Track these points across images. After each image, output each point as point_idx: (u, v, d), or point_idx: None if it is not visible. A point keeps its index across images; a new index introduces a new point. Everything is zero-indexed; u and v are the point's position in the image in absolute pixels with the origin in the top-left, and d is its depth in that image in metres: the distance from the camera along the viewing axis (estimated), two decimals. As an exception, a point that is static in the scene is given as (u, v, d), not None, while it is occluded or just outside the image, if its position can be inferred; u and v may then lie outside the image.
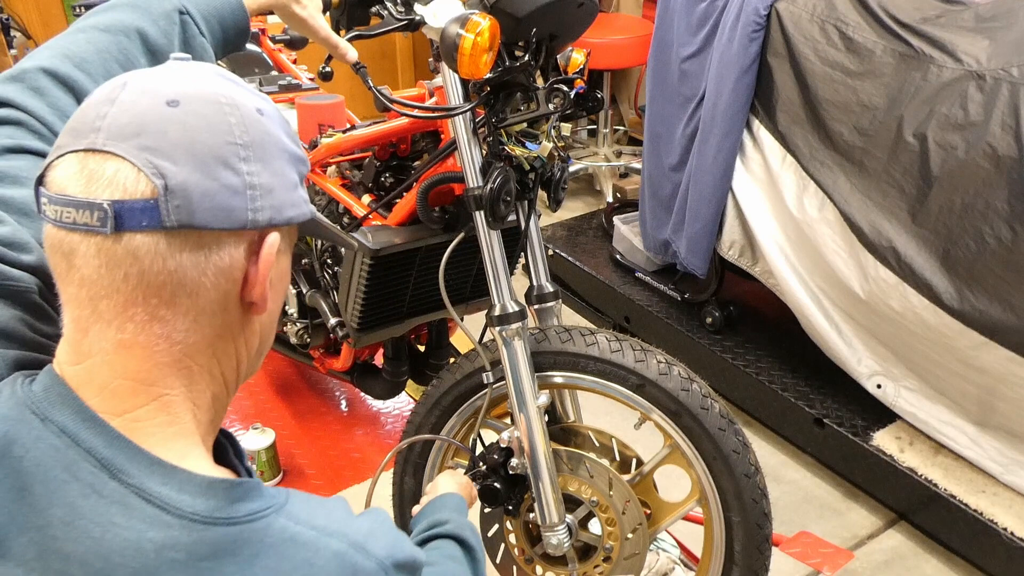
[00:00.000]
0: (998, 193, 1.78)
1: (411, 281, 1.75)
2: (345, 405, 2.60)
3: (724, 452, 1.42)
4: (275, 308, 0.78)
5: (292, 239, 0.80)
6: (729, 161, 2.36)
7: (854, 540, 2.18)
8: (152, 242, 0.66)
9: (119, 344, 0.68)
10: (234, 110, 0.70)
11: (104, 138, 0.66)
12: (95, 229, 0.65)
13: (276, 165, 0.72)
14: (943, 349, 1.99)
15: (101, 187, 0.65)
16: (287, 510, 0.71)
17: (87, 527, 0.64)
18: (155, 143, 0.66)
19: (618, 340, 1.48)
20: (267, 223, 0.71)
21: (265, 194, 0.70)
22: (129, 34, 1.00)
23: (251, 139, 0.70)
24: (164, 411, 0.70)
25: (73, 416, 0.67)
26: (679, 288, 2.83)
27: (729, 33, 2.26)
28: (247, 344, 0.76)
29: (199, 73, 0.72)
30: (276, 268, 0.75)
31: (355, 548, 0.73)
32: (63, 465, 0.65)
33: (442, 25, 1.24)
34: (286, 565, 0.68)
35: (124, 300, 0.67)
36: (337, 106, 2.06)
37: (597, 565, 1.56)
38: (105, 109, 0.68)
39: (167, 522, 0.65)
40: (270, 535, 0.69)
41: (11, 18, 3.33)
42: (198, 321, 0.70)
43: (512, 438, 1.48)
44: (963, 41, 1.89)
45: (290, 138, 0.76)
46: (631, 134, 4.36)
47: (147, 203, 0.65)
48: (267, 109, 0.74)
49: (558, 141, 1.44)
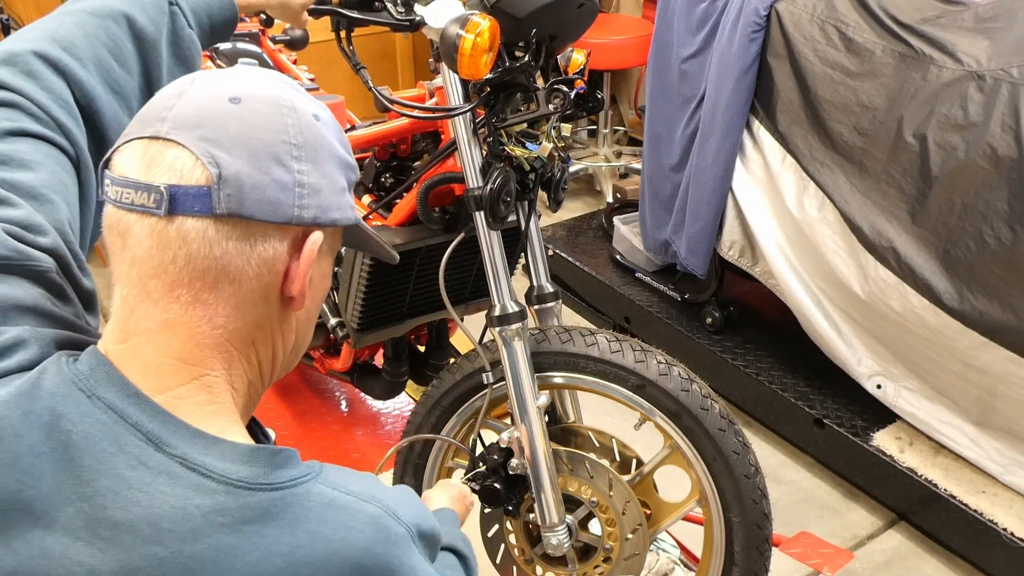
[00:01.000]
0: (998, 193, 1.78)
1: (411, 281, 1.75)
2: (345, 405, 2.60)
3: (724, 452, 1.42)
4: (313, 307, 0.81)
5: (336, 243, 0.82)
6: (729, 161, 2.36)
7: (854, 540, 2.18)
8: (202, 227, 0.69)
9: (164, 324, 0.71)
10: (292, 112, 0.74)
11: (168, 127, 0.70)
12: (150, 210, 0.69)
13: (326, 168, 0.75)
14: (943, 349, 1.99)
15: (160, 171, 0.69)
16: (324, 477, 0.74)
17: (135, 496, 0.66)
18: (215, 135, 0.70)
19: (618, 340, 1.48)
20: (312, 221, 0.74)
21: (312, 193, 0.73)
22: (117, 19, 1.01)
23: (305, 140, 0.73)
24: (205, 390, 0.72)
25: (119, 393, 0.69)
26: (679, 288, 2.83)
27: (729, 33, 2.26)
28: (284, 339, 0.79)
29: (264, 77, 0.77)
30: (317, 267, 0.78)
31: (387, 512, 0.75)
32: (110, 439, 0.67)
33: (442, 26, 1.24)
34: (326, 528, 0.70)
35: (171, 281, 0.70)
36: (337, 106, 2.05)
37: (597, 565, 1.56)
38: (173, 102, 0.72)
39: (212, 488, 0.67)
40: (311, 499, 0.71)
41: (11, 18, 3.33)
42: (239, 308, 0.72)
43: (512, 438, 1.48)
44: (963, 41, 1.89)
45: (343, 146, 0.79)
46: (631, 134, 4.35)
47: (201, 189, 0.69)
48: (324, 116, 0.77)
49: (558, 141, 1.44)
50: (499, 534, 1.65)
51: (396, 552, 0.74)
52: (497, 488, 1.51)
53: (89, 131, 0.95)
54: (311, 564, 0.69)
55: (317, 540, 0.69)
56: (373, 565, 0.72)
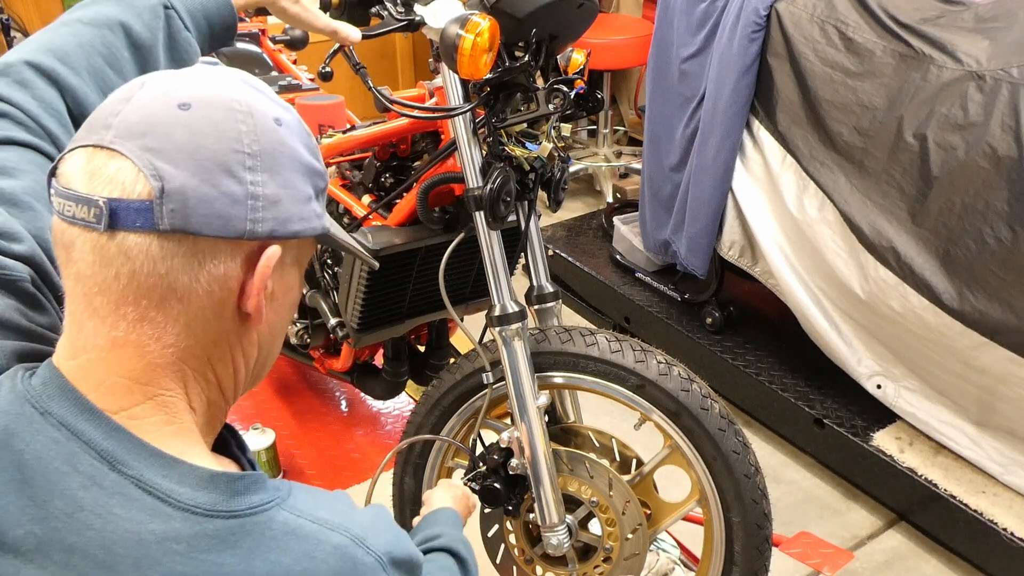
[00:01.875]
0: (998, 193, 1.78)
1: (411, 281, 1.75)
2: (345, 405, 2.60)
3: (724, 452, 1.42)
4: (279, 321, 0.78)
5: (304, 253, 0.79)
6: (729, 161, 2.36)
7: (854, 540, 2.18)
8: (145, 243, 0.66)
9: (113, 341, 0.68)
10: (247, 118, 0.69)
11: (113, 135, 0.66)
12: (91, 225, 0.65)
13: (286, 177, 0.71)
14: (943, 349, 1.99)
15: (102, 184, 0.65)
16: (289, 503, 0.71)
17: (88, 518, 0.64)
18: (159, 144, 0.66)
19: (618, 340, 1.48)
20: (268, 234, 0.70)
21: (269, 205, 0.69)
22: (112, 27, 1.00)
23: (261, 148, 0.69)
24: (161, 410, 0.70)
25: (71, 408, 0.67)
26: (679, 288, 2.83)
27: (729, 33, 2.26)
28: (245, 354, 0.75)
29: (221, 78, 0.72)
30: (280, 281, 0.74)
31: (356, 542, 0.72)
32: (63, 457, 0.65)
33: (442, 26, 1.24)
34: (287, 558, 0.68)
35: (116, 298, 0.67)
36: (337, 106, 2.06)
37: (597, 565, 1.56)
38: (120, 107, 0.68)
39: (168, 514, 0.65)
40: (272, 528, 0.69)
41: (11, 18, 3.33)
42: (190, 326, 0.69)
43: (512, 438, 1.48)
44: (963, 41, 1.89)
45: (309, 151, 0.75)
46: (631, 134, 4.36)
47: (142, 204, 0.65)
48: (287, 120, 0.73)
49: (558, 141, 1.44)
50: (499, 534, 1.65)
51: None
52: (497, 488, 1.51)
53: None
54: None
55: (277, 569, 0.67)
56: None
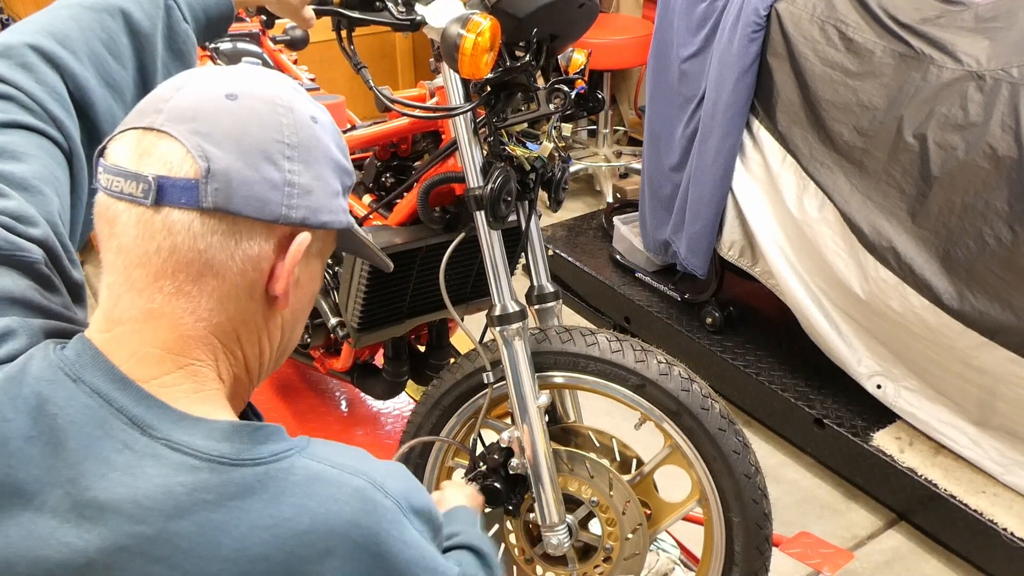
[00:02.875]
0: (998, 193, 1.78)
1: (411, 281, 1.75)
2: (345, 405, 2.60)
3: (724, 452, 1.42)
4: (300, 309, 0.81)
5: (328, 247, 0.83)
6: (729, 161, 2.36)
7: (854, 540, 2.18)
8: (188, 219, 0.70)
9: (148, 313, 0.71)
10: (288, 112, 0.74)
11: (164, 119, 0.71)
12: (138, 200, 0.69)
13: (319, 170, 0.76)
14: (943, 349, 1.99)
15: (151, 162, 0.70)
16: (309, 451, 0.74)
17: (120, 478, 0.67)
18: (207, 129, 0.70)
19: (618, 340, 1.48)
20: (300, 221, 0.74)
21: (303, 194, 0.74)
22: (113, 13, 1.01)
23: (299, 141, 0.74)
24: (191, 379, 0.73)
25: (104, 377, 0.70)
26: (679, 288, 2.83)
27: (729, 33, 2.26)
28: (270, 336, 0.79)
29: (265, 76, 0.77)
30: (306, 269, 0.78)
31: (375, 486, 0.74)
32: (96, 423, 0.68)
33: (443, 25, 1.24)
34: (311, 501, 0.70)
35: (155, 271, 0.71)
36: (338, 106, 2.05)
37: (597, 565, 1.56)
38: (171, 94, 0.73)
39: (195, 466, 0.68)
40: (295, 473, 0.71)
41: (11, 18, 3.33)
42: (223, 302, 0.73)
43: (512, 438, 1.48)
44: (963, 41, 1.89)
45: (340, 150, 0.80)
46: (631, 134, 4.35)
47: (188, 182, 0.69)
48: (322, 119, 0.78)
49: (558, 141, 1.44)
50: (499, 534, 1.65)
51: (384, 525, 0.73)
52: (497, 488, 1.50)
53: (82, 124, 0.95)
54: (297, 536, 0.69)
55: (303, 513, 0.69)
56: (361, 537, 0.71)
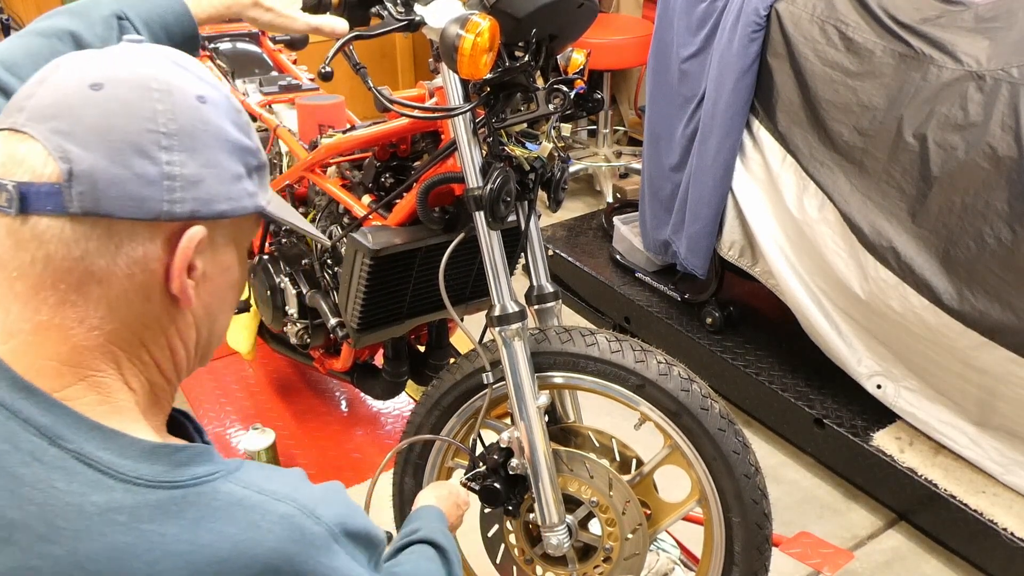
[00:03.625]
0: (998, 193, 1.78)
1: (411, 281, 1.75)
2: (345, 405, 2.60)
3: (724, 452, 1.42)
4: (217, 302, 0.77)
5: (243, 232, 0.78)
6: (729, 161, 2.36)
7: (854, 540, 2.18)
8: (57, 227, 0.65)
9: (37, 325, 0.68)
10: (165, 96, 0.69)
11: (25, 118, 0.66)
12: (3, 210, 0.65)
13: (209, 156, 0.70)
14: (943, 349, 1.99)
15: (12, 167, 0.66)
16: (237, 476, 0.71)
17: (29, 494, 0.64)
18: (69, 127, 0.66)
19: (618, 340, 1.48)
20: (189, 215, 0.69)
21: (188, 186, 0.69)
22: (62, 37, 1.03)
23: (179, 127, 0.69)
24: (95, 391, 0.70)
25: (8, 387, 0.67)
26: (679, 288, 2.83)
27: (729, 33, 2.26)
28: (182, 336, 0.75)
29: (140, 57, 0.71)
30: (213, 262, 0.74)
31: (304, 512, 0.72)
32: (2, 436, 0.65)
33: (442, 25, 1.24)
34: (232, 527, 0.68)
35: (35, 283, 0.67)
36: (337, 106, 2.05)
37: (597, 565, 1.56)
38: (34, 89, 0.68)
39: (109, 485, 0.65)
40: (217, 498, 0.69)
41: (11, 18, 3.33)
42: (114, 309, 0.69)
43: (512, 438, 1.48)
44: (963, 41, 1.89)
45: (239, 128, 0.74)
46: (631, 134, 4.36)
47: (52, 187, 0.65)
48: (212, 97, 0.72)
49: (558, 141, 1.44)
50: (499, 534, 1.65)
51: (311, 552, 0.71)
52: (497, 488, 1.50)
53: None
54: (215, 564, 0.66)
55: (222, 539, 0.67)
56: (285, 565, 0.69)
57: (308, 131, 2.02)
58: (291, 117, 2.16)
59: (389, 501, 1.75)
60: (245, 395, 2.61)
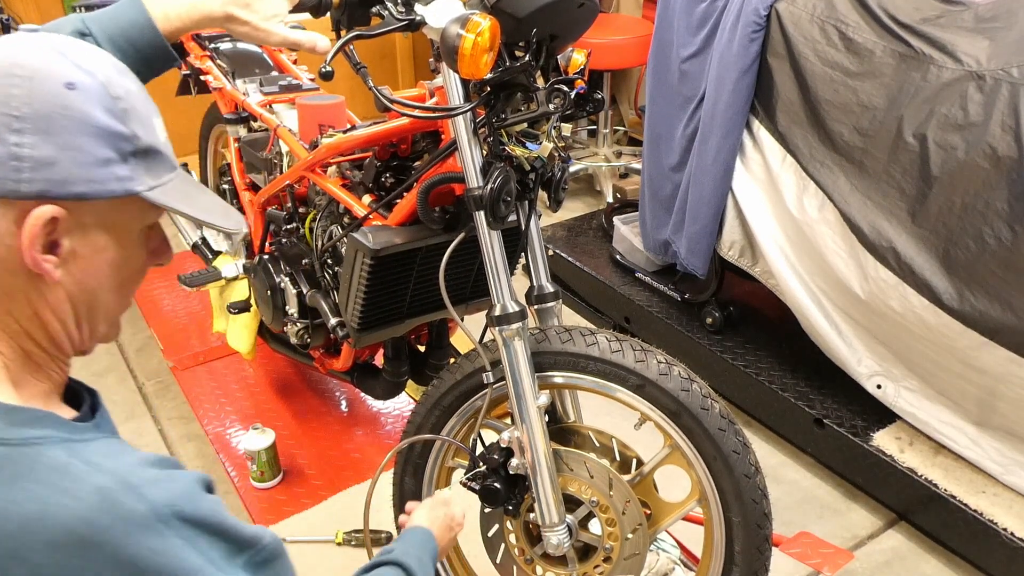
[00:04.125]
0: (998, 193, 1.78)
1: (411, 281, 1.75)
2: (345, 405, 2.60)
3: (724, 452, 1.42)
4: (92, 281, 0.80)
5: (120, 215, 0.80)
6: (729, 161, 2.36)
7: (854, 540, 2.18)
8: None
9: None
10: (25, 82, 0.73)
11: None
12: None
13: (67, 139, 0.74)
14: (943, 349, 1.99)
15: None
16: (72, 446, 0.73)
17: None
18: None
19: (618, 340, 1.48)
20: (36, 195, 0.73)
21: (39, 167, 0.73)
22: None
23: (34, 111, 0.73)
24: None
25: None
26: (679, 288, 2.83)
27: (729, 33, 2.26)
28: (54, 310, 0.79)
29: (19, 44, 0.75)
30: (83, 242, 0.77)
31: (125, 487, 0.72)
32: None
33: (442, 25, 1.24)
34: (45, 490, 0.69)
35: None
36: (337, 106, 2.05)
37: (597, 565, 1.56)
38: None
39: None
40: (40, 461, 0.71)
41: (11, 18, 3.33)
42: None
43: (512, 438, 1.48)
44: (963, 41, 1.89)
45: (111, 115, 0.77)
46: (631, 134, 4.36)
47: None
48: (84, 84, 0.76)
49: (558, 141, 1.44)
50: (499, 534, 1.65)
51: (127, 528, 0.70)
52: (497, 488, 1.51)
53: None
54: (20, 521, 0.67)
55: (31, 500, 0.68)
56: (96, 536, 0.69)
57: (308, 131, 2.02)
58: (291, 117, 2.16)
59: (389, 501, 1.75)
60: (245, 395, 2.61)
